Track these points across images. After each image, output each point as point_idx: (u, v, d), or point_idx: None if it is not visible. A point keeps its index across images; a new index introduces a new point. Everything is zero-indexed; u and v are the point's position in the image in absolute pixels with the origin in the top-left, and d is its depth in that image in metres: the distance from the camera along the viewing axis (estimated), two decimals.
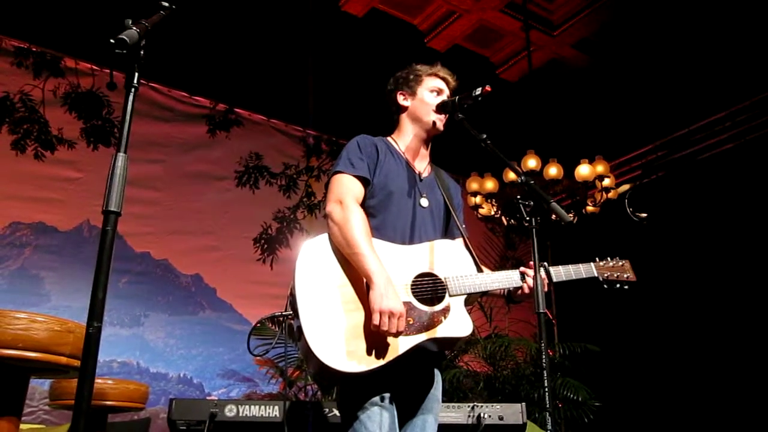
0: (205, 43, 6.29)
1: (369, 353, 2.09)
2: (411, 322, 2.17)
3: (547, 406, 2.14)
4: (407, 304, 2.20)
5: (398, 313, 2.08)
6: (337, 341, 2.09)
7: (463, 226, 2.56)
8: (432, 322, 2.21)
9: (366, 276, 2.16)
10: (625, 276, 2.61)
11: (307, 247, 2.27)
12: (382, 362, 2.09)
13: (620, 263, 2.64)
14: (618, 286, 2.60)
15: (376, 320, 2.07)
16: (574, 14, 6.54)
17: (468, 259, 2.40)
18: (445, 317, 2.23)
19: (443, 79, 2.63)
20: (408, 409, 2.31)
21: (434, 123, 2.55)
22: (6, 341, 2.07)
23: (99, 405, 3.29)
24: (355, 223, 2.23)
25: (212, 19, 6.05)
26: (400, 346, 2.13)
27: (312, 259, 2.24)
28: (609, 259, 2.64)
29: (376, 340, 2.12)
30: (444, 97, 2.58)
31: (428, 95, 2.58)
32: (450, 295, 2.27)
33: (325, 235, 2.30)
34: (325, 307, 2.15)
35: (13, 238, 5.81)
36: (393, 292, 2.12)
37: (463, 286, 2.30)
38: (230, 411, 3.24)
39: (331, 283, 2.21)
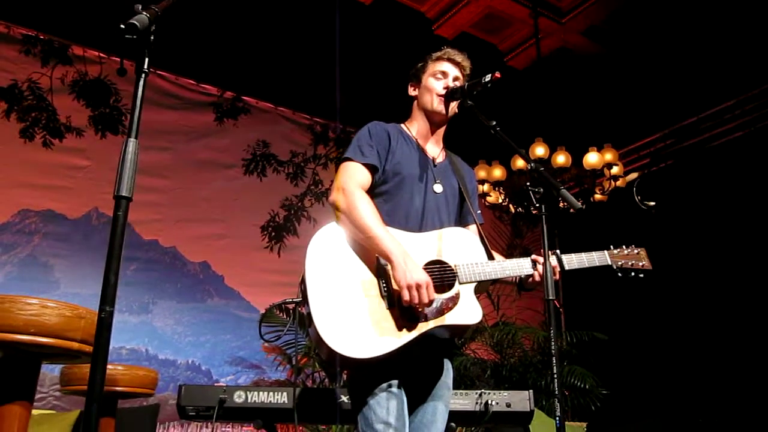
0: (212, 30, 6.28)
1: (378, 339, 2.10)
2: (420, 309, 2.18)
3: (556, 393, 2.14)
4: None
5: (425, 282, 2.11)
6: (346, 327, 2.10)
7: (478, 212, 2.55)
8: (441, 309, 2.21)
9: (384, 256, 2.18)
10: (641, 264, 2.57)
11: (318, 235, 2.28)
12: (391, 348, 2.09)
13: (636, 251, 2.60)
14: (633, 274, 2.56)
15: (406, 296, 2.10)
16: (583, 1, 6.47)
17: (479, 247, 2.40)
18: (454, 304, 2.23)
19: (449, 60, 2.58)
20: (418, 395, 2.32)
21: (436, 108, 2.52)
22: (18, 327, 2.08)
23: (109, 391, 3.31)
24: (362, 208, 2.23)
25: (219, 7, 6.02)
26: (409, 332, 2.14)
27: (322, 247, 2.25)
28: (624, 247, 2.60)
29: (385, 326, 2.12)
30: (449, 79, 2.54)
31: (431, 81, 2.55)
32: (460, 283, 2.27)
33: (335, 223, 2.31)
34: (334, 294, 2.15)
35: (22, 225, 5.85)
36: (413, 265, 2.14)
37: (473, 273, 2.29)
38: (239, 397, 3.25)
39: (341, 270, 2.21)
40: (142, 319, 6.22)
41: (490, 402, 3.42)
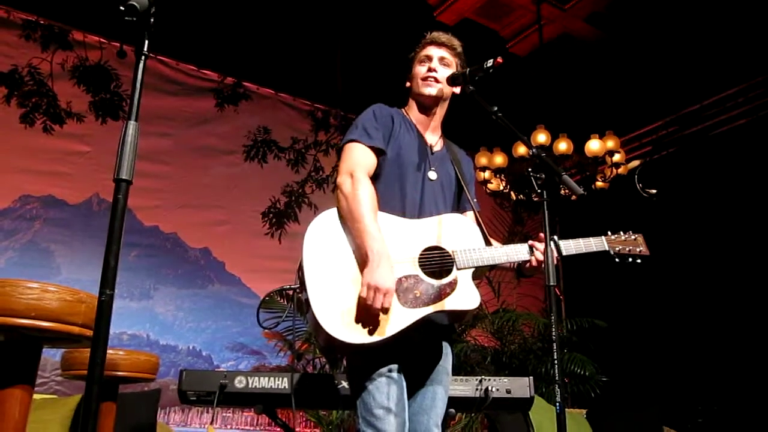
0: (213, 16, 6.24)
1: (376, 325, 2.10)
2: (418, 295, 2.18)
3: (556, 379, 2.14)
4: (414, 277, 2.21)
5: (384, 289, 2.07)
6: (343, 313, 2.10)
7: (474, 200, 2.55)
8: (439, 295, 2.21)
9: (364, 251, 2.15)
10: (638, 250, 2.57)
11: (316, 221, 2.28)
12: (388, 333, 2.09)
13: (633, 237, 2.60)
14: (630, 260, 2.56)
15: (363, 293, 2.08)
16: None
17: (477, 233, 2.39)
18: (452, 290, 2.23)
19: (432, 43, 2.59)
20: (417, 380, 2.32)
21: (422, 91, 2.54)
22: (19, 310, 2.08)
23: (111, 375, 3.31)
24: (363, 198, 2.23)
25: None
26: (406, 317, 2.14)
27: (320, 233, 2.25)
28: (622, 233, 2.60)
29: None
30: (435, 61, 2.56)
31: (418, 67, 2.59)
32: (457, 269, 2.27)
33: (334, 210, 2.30)
34: (332, 280, 2.16)
35: (23, 210, 5.85)
36: (387, 269, 2.10)
37: (470, 259, 2.29)
38: (240, 382, 3.26)
39: (338, 255, 2.21)
40: (144, 304, 6.24)
41: (490, 388, 3.42)
